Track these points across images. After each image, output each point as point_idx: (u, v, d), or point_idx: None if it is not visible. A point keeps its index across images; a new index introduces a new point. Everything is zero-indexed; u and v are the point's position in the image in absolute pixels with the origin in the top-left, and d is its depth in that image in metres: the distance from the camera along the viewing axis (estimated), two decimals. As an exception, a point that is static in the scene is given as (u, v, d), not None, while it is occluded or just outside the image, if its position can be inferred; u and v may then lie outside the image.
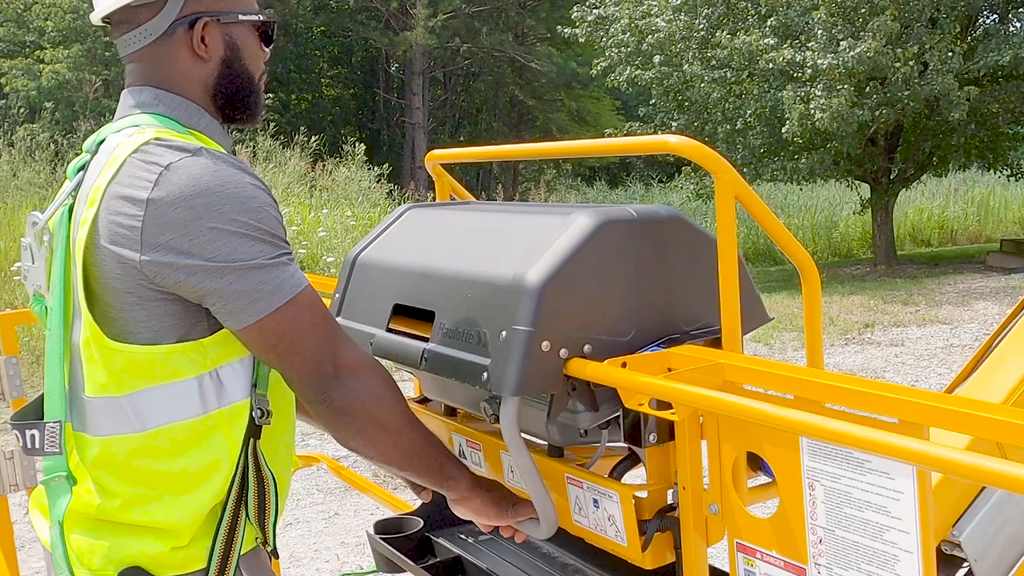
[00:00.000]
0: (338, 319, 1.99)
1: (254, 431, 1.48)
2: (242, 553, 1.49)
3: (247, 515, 1.48)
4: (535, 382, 1.50)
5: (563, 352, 1.51)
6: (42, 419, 1.47)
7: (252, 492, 1.48)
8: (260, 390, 1.49)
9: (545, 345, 1.49)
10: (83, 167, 1.52)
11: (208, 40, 1.53)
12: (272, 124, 16.92)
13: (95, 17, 1.58)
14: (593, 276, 1.55)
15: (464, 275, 1.70)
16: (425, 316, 1.74)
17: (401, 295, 1.85)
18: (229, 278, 1.35)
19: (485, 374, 1.53)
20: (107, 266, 1.39)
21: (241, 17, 1.57)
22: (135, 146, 1.40)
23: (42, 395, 1.50)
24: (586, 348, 1.53)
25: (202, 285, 1.36)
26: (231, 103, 1.59)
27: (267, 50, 1.65)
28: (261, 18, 1.61)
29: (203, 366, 1.42)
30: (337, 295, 2.03)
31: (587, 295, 1.54)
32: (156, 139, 1.41)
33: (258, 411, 1.47)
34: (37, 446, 1.46)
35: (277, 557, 1.60)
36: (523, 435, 1.88)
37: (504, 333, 1.51)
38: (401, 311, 1.84)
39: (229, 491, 1.46)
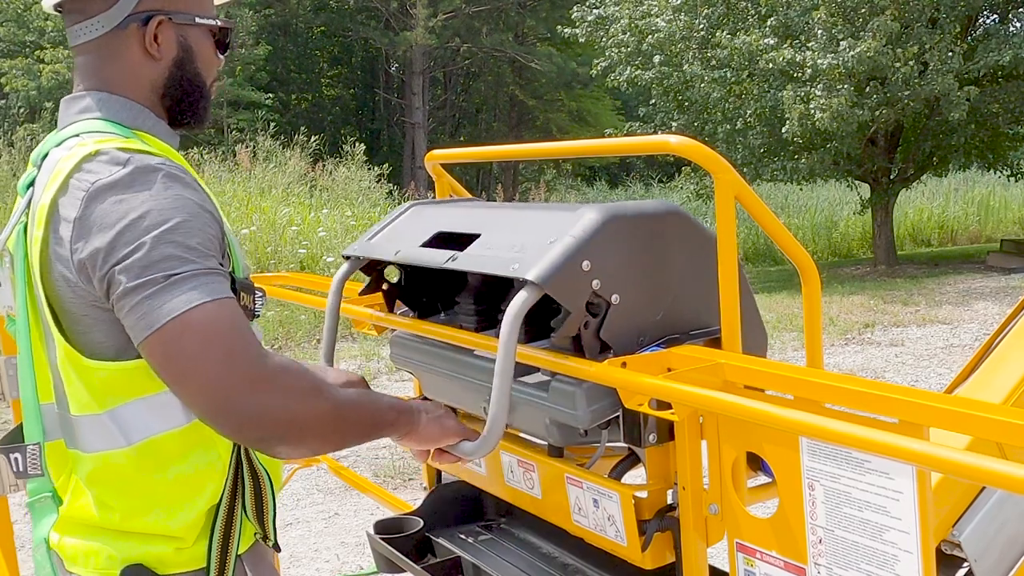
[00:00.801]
0: (368, 239, 1.99)
1: None
2: (242, 550, 1.50)
3: (244, 512, 1.49)
4: (561, 287, 1.50)
5: (596, 283, 1.53)
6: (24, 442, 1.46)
7: (248, 490, 1.48)
8: None
9: (586, 264, 1.51)
10: (32, 183, 1.49)
11: (161, 39, 1.50)
12: (272, 124, 16.92)
13: (47, 4, 1.55)
14: (653, 246, 1.59)
15: (525, 210, 1.75)
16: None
17: (447, 225, 1.86)
18: (126, 294, 1.30)
19: (516, 264, 1.54)
20: (60, 287, 1.38)
21: (198, 20, 1.54)
22: (75, 162, 1.37)
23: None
24: (614, 297, 1.55)
25: (113, 301, 1.32)
26: (179, 106, 1.55)
27: (222, 57, 1.62)
28: (219, 23, 1.57)
29: None
30: (376, 227, 2.06)
31: (640, 257, 1.58)
32: (95, 152, 1.38)
33: None
34: (22, 469, 1.46)
35: (279, 551, 1.60)
36: (523, 435, 1.89)
37: (553, 239, 1.55)
38: (442, 242, 1.84)
39: (223, 491, 1.46)
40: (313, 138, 15.74)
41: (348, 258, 2.03)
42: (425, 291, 2.06)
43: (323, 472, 5.40)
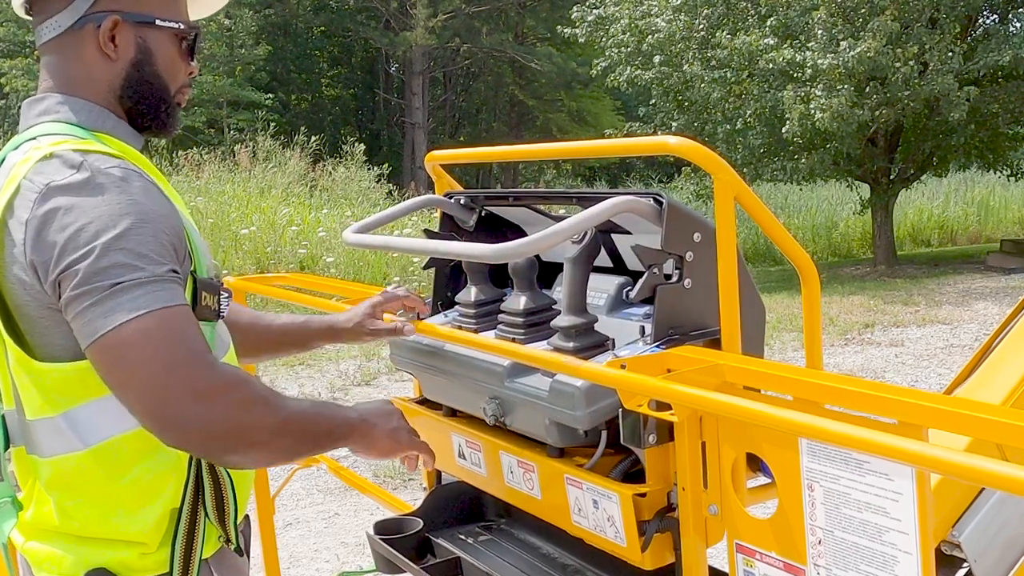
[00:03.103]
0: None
1: None
2: (208, 554, 1.49)
3: (207, 515, 1.47)
4: (674, 227, 1.66)
5: (690, 255, 1.68)
6: None
7: (209, 492, 1.47)
8: None
9: (697, 236, 1.68)
10: None
11: (119, 40, 1.48)
12: (272, 124, 16.92)
13: (16, 5, 1.55)
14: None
15: None
16: None
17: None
18: (70, 301, 1.30)
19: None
20: (17, 290, 1.37)
21: (159, 22, 1.51)
22: (30, 165, 1.37)
23: None
24: (687, 282, 1.67)
25: (62, 305, 1.32)
26: (138, 109, 1.53)
27: (193, 64, 1.58)
28: (181, 26, 1.54)
29: None
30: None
31: (705, 259, 1.66)
32: (50, 155, 1.37)
33: None
34: None
35: (242, 555, 1.57)
36: (524, 434, 1.89)
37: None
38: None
39: (184, 494, 1.45)
40: (313, 138, 15.73)
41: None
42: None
43: (323, 472, 5.40)
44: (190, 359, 1.30)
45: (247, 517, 1.63)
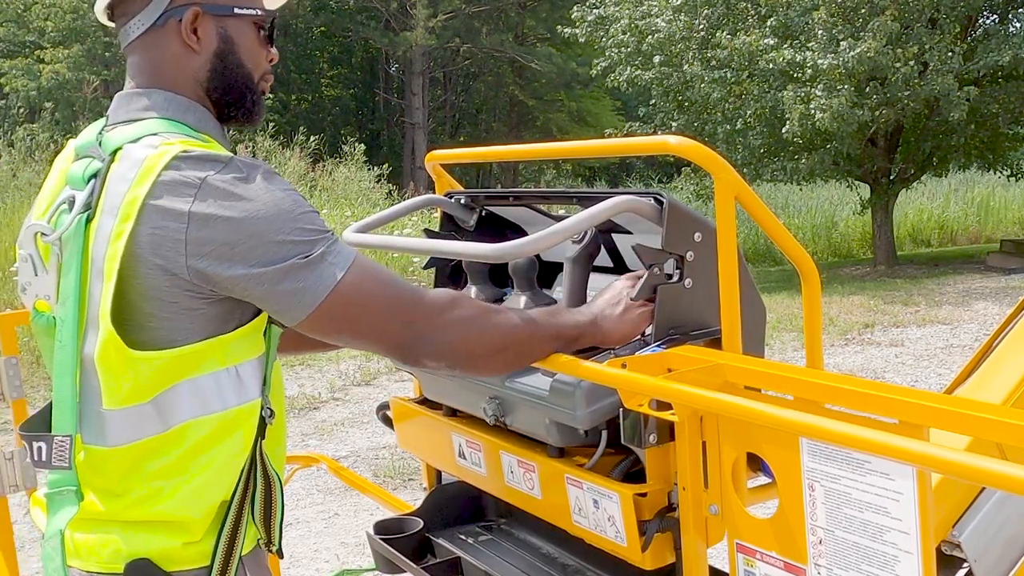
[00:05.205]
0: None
1: (260, 431, 1.48)
2: (244, 552, 1.49)
3: (252, 515, 1.49)
4: (674, 226, 1.65)
5: (690, 255, 1.67)
6: (50, 431, 1.43)
7: (259, 491, 1.48)
8: (267, 390, 1.49)
9: (698, 236, 1.67)
10: (94, 175, 1.46)
11: (200, 32, 1.51)
12: (272, 124, 16.91)
13: (99, 9, 1.57)
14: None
15: None
16: None
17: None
18: (272, 281, 1.37)
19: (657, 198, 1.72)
20: (152, 278, 1.38)
21: (236, 11, 1.54)
22: (168, 159, 1.39)
23: (48, 406, 1.46)
24: (687, 282, 1.66)
25: (249, 291, 1.38)
26: (226, 99, 1.56)
27: (273, 51, 1.62)
28: (258, 12, 1.57)
29: (223, 362, 1.43)
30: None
31: (705, 258, 1.65)
32: (185, 151, 1.40)
33: (267, 410, 1.48)
34: (44, 459, 1.43)
35: (282, 556, 1.60)
36: (524, 434, 1.89)
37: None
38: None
39: (236, 487, 1.46)
40: (313, 138, 15.72)
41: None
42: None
43: (323, 472, 5.40)
44: (400, 296, 1.46)
45: None
